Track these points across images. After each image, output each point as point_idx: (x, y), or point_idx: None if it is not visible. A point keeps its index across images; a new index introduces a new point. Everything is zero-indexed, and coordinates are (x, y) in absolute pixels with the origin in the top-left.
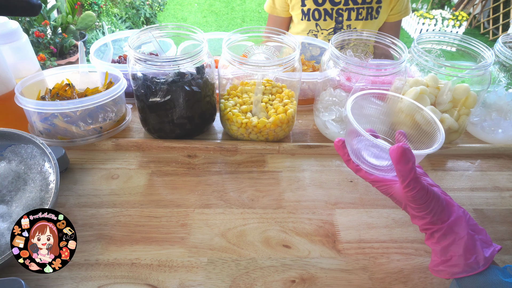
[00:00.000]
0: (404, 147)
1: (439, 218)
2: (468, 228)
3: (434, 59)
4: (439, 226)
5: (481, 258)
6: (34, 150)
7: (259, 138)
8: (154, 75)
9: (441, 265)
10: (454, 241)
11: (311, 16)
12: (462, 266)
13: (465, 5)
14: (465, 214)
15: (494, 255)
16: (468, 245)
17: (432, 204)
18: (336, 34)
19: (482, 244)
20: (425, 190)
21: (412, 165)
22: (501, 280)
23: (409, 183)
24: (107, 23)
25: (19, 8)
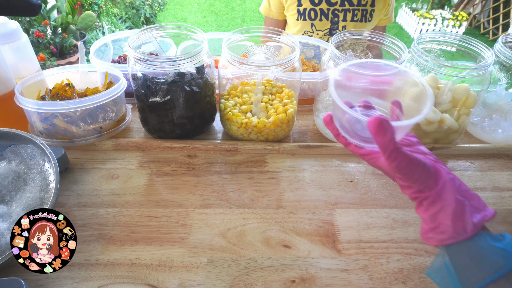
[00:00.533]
0: (380, 118)
1: (427, 185)
2: (457, 194)
3: (434, 59)
4: (427, 193)
5: (469, 224)
6: (34, 150)
7: (259, 138)
8: (154, 75)
9: (430, 232)
10: (442, 208)
11: (307, 16)
12: (450, 233)
13: (465, 5)
14: (453, 180)
15: (485, 220)
16: (456, 211)
17: (417, 173)
18: (336, 34)
19: (472, 210)
20: (407, 160)
21: (390, 136)
22: (490, 244)
23: (390, 154)
24: (107, 23)
25: (19, 8)
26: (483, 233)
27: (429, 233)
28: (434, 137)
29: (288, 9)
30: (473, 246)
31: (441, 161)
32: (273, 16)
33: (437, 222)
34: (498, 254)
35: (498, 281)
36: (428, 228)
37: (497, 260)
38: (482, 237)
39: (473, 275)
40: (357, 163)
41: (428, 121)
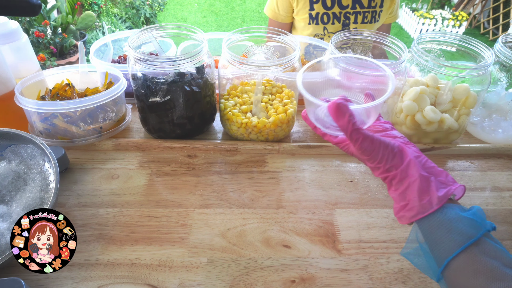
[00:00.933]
0: (337, 102)
1: (392, 164)
2: (422, 170)
3: (434, 59)
4: (394, 172)
5: (434, 198)
6: (34, 150)
7: (259, 138)
8: (154, 75)
9: (401, 211)
10: (409, 184)
11: (319, 20)
12: (417, 208)
13: (465, 5)
14: (418, 158)
15: (451, 193)
16: (421, 187)
17: (380, 152)
18: (336, 34)
19: (438, 185)
20: (369, 140)
21: (349, 118)
22: (459, 214)
23: (351, 136)
24: (107, 23)
25: (19, 8)
26: (451, 205)
27: (401, 211)
28: (434, 137)
29: (298, 12)
30: (442, 218)
31: (412, 143)
32: (281, 20)
33: (406, 200)
34: (467, 223)
35: (468, 250)
36: (399, 206)
37: (466, 229)
38: (451, 209)
39: (444, 247)
40: (357, 163)
41: (428, 121)
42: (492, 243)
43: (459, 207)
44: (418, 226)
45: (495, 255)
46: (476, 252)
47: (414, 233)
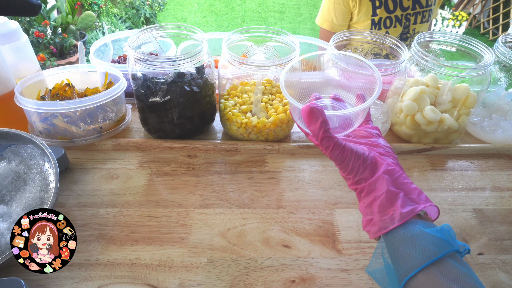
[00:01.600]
0: (311, 106)
1: (362, 177)
2: (391, 185)
3: (434, 59)
4: (363, 185)
5: (397, 214)
6: (34, 150)
7: (259, 138)
8: (154, 75)
9: (368, 225)
10: (375, 198)
11: (382, 25)
12: (379, 223)
13: (465, 5)
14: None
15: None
16: (385, 202)
17: (351, 163)
18: (336, 34)
19: (406, 201)
20: (340, 149)
21: (320, 124)
22: (422, 231)
23: (322, 142)
24: (107, 23)
25: (19, 8)
26: (416, 221)
27: (367, 226)
28: (434, 137)
29: (359, 20)
30: (405, 234)
31: (393, 154)
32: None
33: (372, 214)
34: (429, 240)
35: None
36: (366, 221)
37: (428, 246)
38: (415, 225)
39: (405, 264)
40: None
41: (428, 121)
42: (456, 265)
43: (424, 223)
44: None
45: (456, 277)
46: (435, 273)
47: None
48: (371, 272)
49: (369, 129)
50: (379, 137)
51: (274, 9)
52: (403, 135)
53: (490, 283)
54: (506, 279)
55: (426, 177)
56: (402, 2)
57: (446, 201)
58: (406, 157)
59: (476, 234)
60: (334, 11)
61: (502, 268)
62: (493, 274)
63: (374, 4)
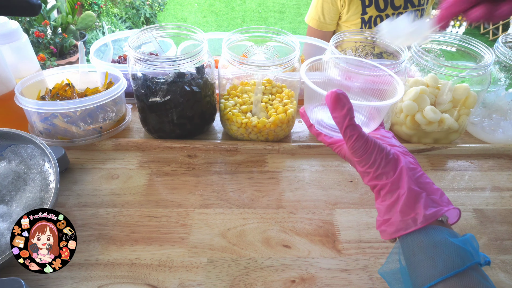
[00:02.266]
0: (337, 92)
1: (384, 172)
2: (413, 184)
3: (434, 59)
4: (384, 182)
5: (420, 215)
6: (34, 150)
7: (259, 138)
8: (154, 75)
9: (383, 225)
10: (398, 197)
11: (372, 23)
12: (398, 224)
13: None
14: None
15: (441, 213)
16: (408, 202)
17: (373, 156)
18: (336, 34)
19: (429, 202)
20: (364, 139)
21: (347, 111)
22: (446, 239)
23: (346, 131)
24: (107, 23)
25: (19, 8)
26: (440, 228)
27: (383, 225)
28: (434, 137)
29: (348, 19)
30: (427, 240)
31: (410, 154)
32: (326, 29)
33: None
34: (454, 251)
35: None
36: (382, 220)
37: (451, 257)
38: (439, 231)
39: (424, 273)
40: None
41: (428, 121)
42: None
43: (449, 231)
44: (400, 244)
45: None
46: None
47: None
48: (383, 274)
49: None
50: (393, 139)
51: (274, 9)
52: (403, 135)
53: None
54: (506, 279)
55: None
56: (393, 1)
57: None
58: None
59: (476, 234)
60: (322, 9)
61: (502, 268)
62: (493, 274)
63: (364, 3)
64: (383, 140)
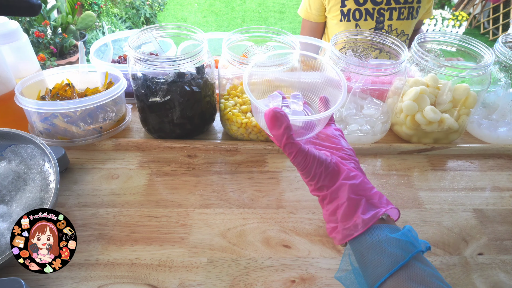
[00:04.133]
0: (274, 110)
1: (324, 184)
2: (351, 193)
3: (434, 59)
4: (325, 193)
5: (359, 221)
6: (34, 150)
7: (259, 138)
8: (154, 75)
9: (333, 233)
10: (338, 207)
11: (351, 16)
12: (342, 231)
13: (465, 5)
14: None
15: (379, 216)
16: (348, 210)
17: (313, 170)
18: (336, 34)
19: (367, 207)
20: (302, 155)
21: (284, 130)
22: (387, 235)
23: (284, 148)
24: (107, 23)
25: (19, 8)
26: (381, 226)
27: (332, 233)
28: (434, 137)
29: (330, 10)
30: (371, 240)
31: (354, 157)
32: (314, 19)
33: (336, 222)
34: (395, 244)
35: (395, 275)
36: (330, 228)
37: (395, 250)
38: (379, 230)
39: (374, 271)
40: None
41: (428, 121)
42: (422, 267)
43: (389, 227)
44: (351, 248)
45: (422, 280)
46: (403, 278)
47: (347, 256)
48: (340, 278)
49: (333, 130)
50: (341, 139)
51: (274, 9)
52: (403, 135)
53: (490, 283)
54: (506, 279)
55: (426, 177)
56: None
57: (446, 201)
58: (406, 157)
59: (476, 234)
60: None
61: (502, 268)
62: (493, 274)
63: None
64: (329, 142)
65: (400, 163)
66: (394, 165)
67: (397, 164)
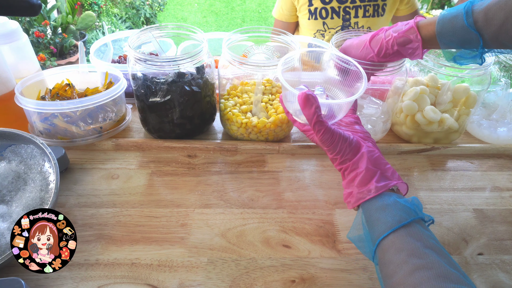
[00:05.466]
0: (307, 93)
1: (347, 157)
2: (369, 164)
3: (434, 59)
4: (347, 164)
5: (372, 187)
6: (34, 150)
7: (259, 138)
8: (154, 75)
9: (348, 197)
10: (356, 175)
11: (318, 15)
12: (357, 195)
13: None
14: (371, 153)
15: (390, 186)
16: (364, 178)
17: (339, 145)
18: (337, 33)
19: (381, 178)
20: (330, 132)
21: (315, 109)
22: (395, 199)
23: (314, 126)
24: (107, 23)
25: (19, 8)
26: (391, 194)
27: (348, 198)
28: (434, 137)
29: (300, 9)
30: (380, 202)
31: (371, 138)
32: (286, 19)
33: (352, 188)
34: (400, 208)
35: (397, 231)
36: (346, 194)
37: (399, 213)
38: (389, 196)
39: (379, 228)
40: None
41: (429, 121)
42: (421, 229)
43: (398, 195)
44: (362, 210)
45: (420, 237)
46: (403, 234)
47: (360, 218)
48: (351, 238)
49: (350, 118)
50: (357, 124)
51: None
52: (403, 135)
53: (490, 283)
54: (506, 279)
55: (426, 177)
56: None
57: (446, 201)
58: (406, 157)
59: (476, 234)
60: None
61: (502, 268)
62: (493, 274)
63: None
64: (348, 127)
65: (400, 163)
66: (394, 165)
67: (397, 164)
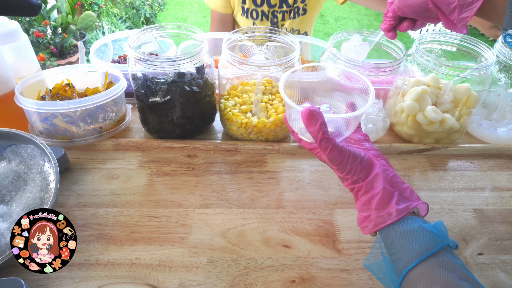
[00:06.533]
0: (310, 109)
1: (360, 177)
2: (386, 184)
3: (435, 59)
4: (360, 184)
5: (393, 210)
6: (34, 150)
7: (259, 138)
8: (154, 75)
9: (364, 222)
10: (373, 196)
11: (249, 15)
12: (375, 219)
13: None
14: (386, 171)
15: (412, 208)
16: (382, 199)
17: (349, 164)
18: (335, 33)
19: (400, 199)
20: (338, 149)
21: (319, 126)
22: (420, 225)
23: (320, 143)
24: (107, 23)
25: (19, 8)
26: (413, 217)
27: (364, 222)
28: (435, 137)
29: (234, 4)
30: (403, 228)
31: (383, 156)
32: (220, 10)
33: (369, 211)
34: (428, 235)
35: (426, 261)
36: (362, 217)
37: (426, 241)
38: (413, 220)
39: (404, 257)
40: None
41: (430, 121)
42: (451, 257)
43: (421, 219)
44: (381, 236)
45: (452, 268)
46: (433, 264)
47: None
48: (368, 266)
49: (359, 135)
50: (366, 141)
51: None
52: (404, 135)
53: (490, 283)
54: (506, 279)
55: (426, 177)
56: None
57: (446, 201)
58: (406, 157)
59: (476, 234)
60: None
61: (502, 268)
62: (493, 274)
63: None
64: (358, 144)
65: (400, 163)
66: (394, 165)
67: (397, 164)
